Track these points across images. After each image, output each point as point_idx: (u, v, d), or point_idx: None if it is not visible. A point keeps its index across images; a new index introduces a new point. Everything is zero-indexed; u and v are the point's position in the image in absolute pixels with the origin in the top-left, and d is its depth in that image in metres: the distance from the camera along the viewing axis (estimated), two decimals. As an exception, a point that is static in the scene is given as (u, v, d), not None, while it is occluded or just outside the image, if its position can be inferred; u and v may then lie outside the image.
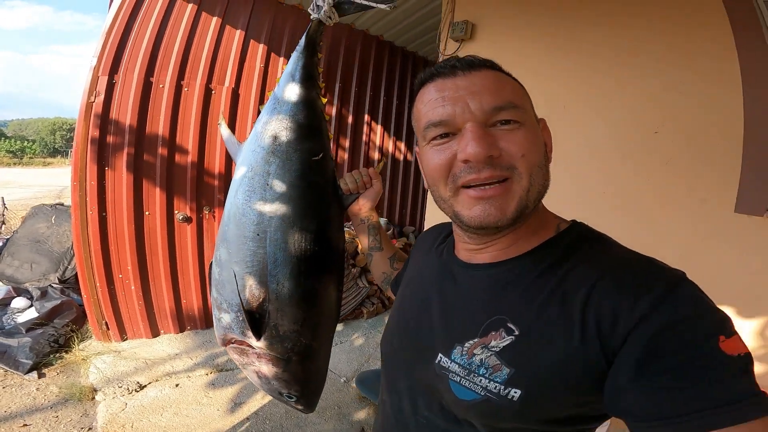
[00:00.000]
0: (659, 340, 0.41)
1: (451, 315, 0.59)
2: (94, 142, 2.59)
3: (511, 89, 0.55)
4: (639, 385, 0.41)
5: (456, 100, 0.52)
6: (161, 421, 2.15)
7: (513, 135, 0.51)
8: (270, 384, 0.99)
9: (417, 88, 0.60)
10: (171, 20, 2.77)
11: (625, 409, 0.43)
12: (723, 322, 0.43)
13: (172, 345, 2.92)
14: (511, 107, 0.52)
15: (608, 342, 0.44)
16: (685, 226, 1.65)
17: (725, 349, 0.40)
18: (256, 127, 1.01)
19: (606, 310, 0.45)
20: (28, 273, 3.68)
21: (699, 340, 0.41)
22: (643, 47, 1.71)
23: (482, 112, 0.51)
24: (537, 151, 0.53)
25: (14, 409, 2.14)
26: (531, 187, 0.52)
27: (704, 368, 0.40)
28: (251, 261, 0.91)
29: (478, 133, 0.50)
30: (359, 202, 1.02)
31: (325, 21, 1.04)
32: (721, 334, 0.41)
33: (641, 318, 0.43)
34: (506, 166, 0.51)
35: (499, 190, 0.51)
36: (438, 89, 0.55)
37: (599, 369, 0.45)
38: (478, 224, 0.53)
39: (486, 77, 0.54)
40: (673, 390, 0.40)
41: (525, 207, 0.52)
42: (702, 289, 0.46)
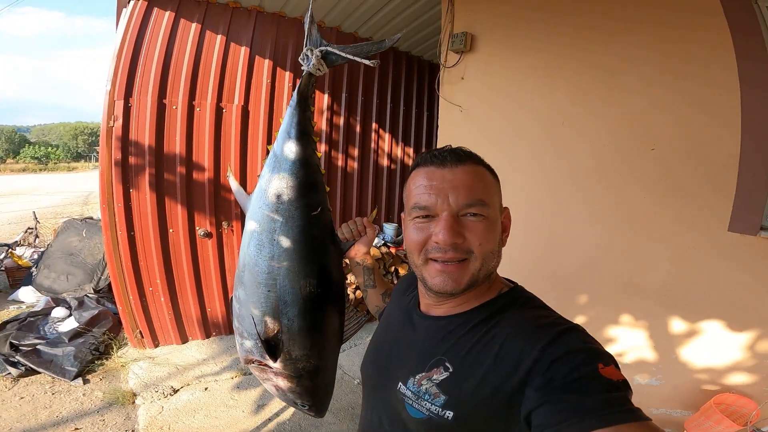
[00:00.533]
0: (551, 370, 0.55)
1: (409, 353, 0.76)
2: (118, 164, 2.76)
3: (484, 187, 0.69)
4: (540, 405, 0.54)
5: (440, 191, 0.67)
6: (194, 422, 2.35)
7: (476, 227, 0.66)
8: (286, 395, 1.15)
9: (413, 167, 0.75)
10: (177, 41, 2.85)
11: (537, 425, 0.55)
12: (602, 355, 0.56)
13: (200, 350, 3.15)
14: (479, 204, 0.66)
15: (516, 377, 0.58)
16: (678, 242, 1.70)
17: (603, 374, 0.53)
18: (261, 183, 1.12)
19: (514, 354, 0.60)
20: (65, 284, 3.95)
21: (580, 366, 0.54)
22: (639, 59, 1.74)
23: (457, 205, 0.66)
24: (492, 240, 0.68)
25: (65, 414, 2.37)
26: (482, 267, 0.67)
27: (583, 386, 0.52)
28: (265, 302, 1.07)
29: (449, 223, 0.65)
30: (355, 247, 1.15)
31: (315, 73, 1.11)
32: (600, 362, 0.54)
33: (536, 358, 0.57)
34: (466, 251, 0.66)
35: (457, 268, 0.67)
36: (428, 177, 0.69)
37: (513, 399, 0.58)
38: (438, 290, 0.69)
39: (467, 173, 0.68)
40: (560, 403, 0.52)
41: (475, 281, 0.68)
42: (588, 334, 0.61)
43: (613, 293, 1.93)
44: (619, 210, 1.86)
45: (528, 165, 2.13)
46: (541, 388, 0.55)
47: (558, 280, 2.10)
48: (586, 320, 2.03)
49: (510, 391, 0.58)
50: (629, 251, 1.85)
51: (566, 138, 1.99)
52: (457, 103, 2.33)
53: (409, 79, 4.25)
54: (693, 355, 1.75)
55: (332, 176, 3.78)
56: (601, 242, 1.93)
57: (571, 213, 2.01)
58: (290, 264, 1.06)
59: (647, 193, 1.77)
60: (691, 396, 1.75)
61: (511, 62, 2.16)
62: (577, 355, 0.56)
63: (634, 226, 1.82)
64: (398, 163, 4.31)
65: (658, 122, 1.71)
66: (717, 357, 1.68)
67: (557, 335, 0.59)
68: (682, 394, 1.79)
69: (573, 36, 1.95)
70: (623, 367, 1.84)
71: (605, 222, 1.91)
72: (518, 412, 0.58)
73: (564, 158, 2.01)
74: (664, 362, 1.83)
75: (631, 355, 1.92)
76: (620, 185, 1.85)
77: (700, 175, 1.62)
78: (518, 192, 2.11)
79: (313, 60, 1.11)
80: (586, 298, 2.03)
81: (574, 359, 0.55)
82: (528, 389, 0.57)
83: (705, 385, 1.72)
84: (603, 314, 1.98)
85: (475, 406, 0.62)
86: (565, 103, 1.99)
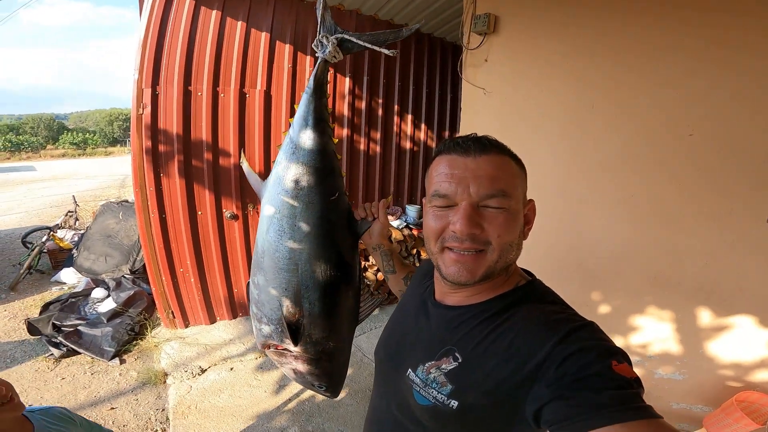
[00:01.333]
0: (563, 366, 0.55)
1: (420, 341, 0.76)
2: (148, 151, 2.85)
3: (507, 177, 0.66)
4: (552, 401, 0.54)
5: (461, 180, 0.65)
6: (219, 402, 2.47)
7: (496, 218, 0.64)
8: (304, 378, 1.19)
9: (436, 153, 0.73)
10: (199, 28, 2.88)
11: (546, 420, 0.55)
12: (615, 352, 0.56)
13: (227, 330, 3.27)
14: (500, 195, 0.64)
15: (525, 372, 0.58)
16: (712, 236, 1.63)
17: (616, 370, 0.52)
18: (278, 170, 1.13)
19: (525, 349, 0.60)
20: (103, 265, 4.17)
21: (592, 363, 0.53)
22: (678, 45, 1.62)
23: (477, 195, 0.64)
24: (512, 233, 0.66)
25: (102, 393, 2.53)
26: (500, 259, 0.66)
27: (596, 383, 0.52)
28: (287, 287, 1.09)
29: (468, 213, 0.64)
30: (369, 232, 1.17)
31: (331, 60, 1.09)
32: (613, 360, 0.54)
33: (548, 353, 0.57)
34: (483, 242, 0.65)
35: (473, 258, 0.66)
36: (450, 165, 0.68)
37: (519, 393, 0.58)
38: (452, 280, 0.68)
39: (491, 163, 0.66)
40: (572, 399, 0.52)
41: (492, 273, 0.67)
42: (602, 331, 0.61)
43: (640, 285, 1.86)
44: (650, 201, 1.78)
45: (553, 152, 2.05)
46: (552, 384, 0.54)
47: (584, 270, 2.04)
48: (611, 311, 1.97)
49: (517, 385, 0.59)
50: (659, 243, 1.77)
51: (595, 125, 1.90)
52: (480, 86, 2.25)
53: (432, 61, 4.16)
54: (720, 351, 1.69)
55: (354, 160, 3.78)
56: (630, 233, 1.85)
57: (599, 202, 1.94)
58: (311, 248, 1.07)
59: (680, 184, 1.68)
60: (714, 392, 1.71)
61: (537, 45, 2.06)
62: (590, 352, 0.55)
63: (665, 218, 1.74)
64: (421, 146, 4.26)
65: (695, 113, 1.61)
66: (745, 353, 1.63)
67: (570, 332, 0.58)
68: (705, 390, 1.75)
69: (606, 19, 1.82)
70: (647, 360, 1.82)
71: (635, 212, 1.83)
72: (523, 406, 0.58)
73: (592, 146, 1.92)
74: (689, 357, 1.77)
75: (655, 348, 1.86)
76: (652, 175, 1.76)
77: (737, 167, 1.53)
78: (542, 179, 2.04)
79: (329, 47, 1.09)
80: (612, 288, 1.97)
81: (587, 356, 0.54)
82: (538, 385, 0.56)
83: (729, 381, 1.67)
84: (629, 306, 1.92)
85: (480, 397, 0.62)
86: (594, 90, 1.89)
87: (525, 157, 0.73)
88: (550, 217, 2.05)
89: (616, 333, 1.96)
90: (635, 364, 1.90)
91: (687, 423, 1.81)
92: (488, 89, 2.23)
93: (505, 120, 2.20)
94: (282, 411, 2.42)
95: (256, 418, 2.35)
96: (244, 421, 2.32)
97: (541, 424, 0.56)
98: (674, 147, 1.67)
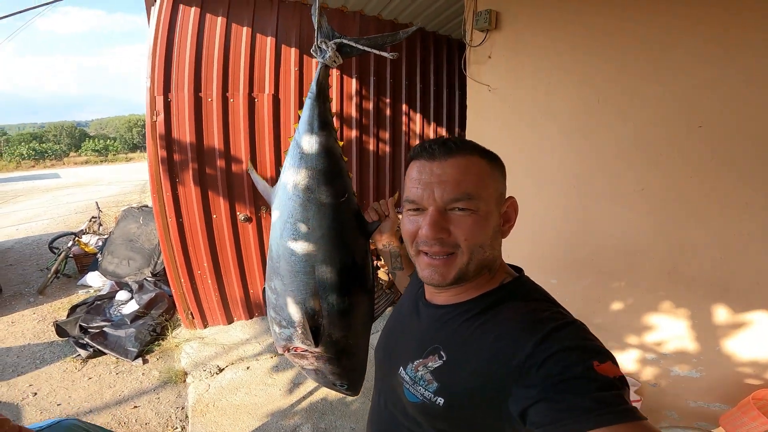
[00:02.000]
0: (545, 367, 0.54)
1: (411, 340, 0.79)
2: (164, 160, 2.94)
3: (474, 179, 0.66)
4: (536, 403, 0.54)
5: (427, 185, 0.67)
6: (235, 400, 2.54)
7: (463, 221, 0.66)
8: (326, 378, 1.21)
9: (409, 159, 0.75)
10: (205, 35, 2.93)
11: (532, 421, 0.55)
12: (598, 351, 0.55)
13: (244, 331, 3.35)
14: (466, 198, 0.65)
15: (507, 371, 0.58)
16: (729, 228, 1.58)
17: (598, 371, 0.52)
18: (286, 175, 1.15)
19: (507, 348, 0.60)
20: (126, 268, 4.30)
21: (574, 364, 0.53)
22: (685, 35, 1.59)
23: (443, 200, 0.66)
24: (481, 234, 0.67)
25: (126, 392, 2.63)
26: (470, 261, 0.67)
27: (578, 385, 0.52)
28: (305, 289, 1.12)
29: (434, 219, 0.66)
30: (378, 231, 1.19)
31: (331, 65, 1.11)
32: (595, 360, 0.53)
33: (529, 354, 0.57)
34: (452, 245, 0.67)
35: (443, 262, 0.68)
36: (418, 171, 0.69)
37: (501, 393, 0.59)
38: (427, 282, 0.73)
39: (456, 166, 0.66)
40: (555, 401, 0.52)
41: (464, 274, 0.68)
42: (587, 330, 0.60)
43: (655, 280, 1.83)
44: (665, 192, 1.74)
45: (562, 145, 2.02)
46: (536, 385, 0.54)
47: (595, 265, 2.01)
48: (625, 307, 1.95)
49: (500, 384, 0.59)
50: (674, 236, 1.74)
51: (604, 117, 1.86)
52: (485, 83, 2.24)
53: (438, 59, 4.14)
54: (738, 348, 1.65)
55: (364, 161, 3.80)
56: (645, 226, 1.82)
57: (613, 194, 1.90)
58: (325, 250, 1.10)
59: (696, 175, 1.64)
60: (732, 390, 1.66)
61: (539, 39, 2.03)
62: (572, 352, 0.55)
63: (680, 211, 1.71)
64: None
65: (709, 100, 1.56)
66: (763, 351, 1.58)
67: (551, 331, 0.58)
68: (721, 388, 1.70)
69: (608, 11, 1.79)
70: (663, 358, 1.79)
71: (649, 204, 1.79)
72: (507, 405, 0.58)
73: (602, 137, 1.89)
74: (706, 354, 1.73)
75: (671, 345, 1.83)
76: (666, 167, 1.72)
77: (755, 156, 1.48)
78: (553, 174, 2.02)
79: (329, 52, 1.11)
80: (625, 284, 1.94)
81: (569, 356, 0.54)
82: (520, 385, 0.57)
83: (747, 379, 1.62)
84: (644, 302, 1.89)
85: (464, 395, 0.64)
86: (600, 80, 1.86)
87: (533, 151, 0.74)
88: (563, 212, 2.03)
89: (630, 330, 1.93)
90: (650, 362, 1.89)
91: (704, 422, 1.77)
92: (493, 86, 2.22)
93: (511, 116, 2.19)
94: (296, 409, 2.47)
95: (271, 416, 2.41)
96: (259, 418, 2.39)
97: (527, 424, 0.56)
98: (689, 135, 1.63)
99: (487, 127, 2.27)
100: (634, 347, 1.93)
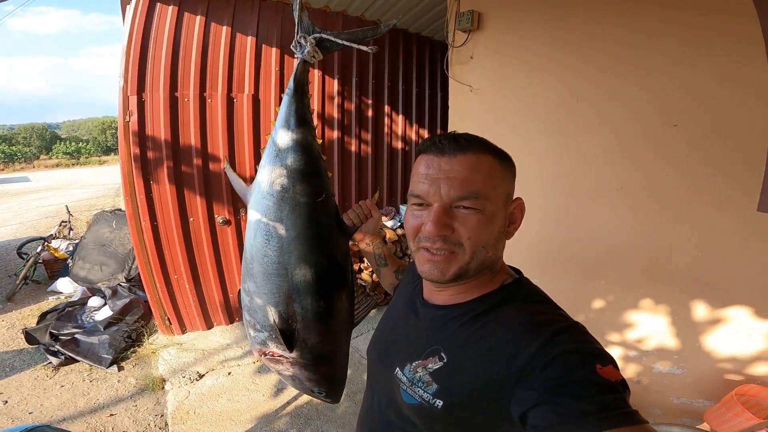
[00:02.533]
0: (547, 370, 0.54)
1: (408, 340, 0.77)
2: (137, 159, 2.83)
3: (483, 178, 0.64)
4: (537, 406, 0.53)
5: (434, 181, 0.65)
6: (217, 406, 2.47)
7: (467, 220, 0.64)
8: (303, 384, 1.17)
9: (417, 153, 0.73)
10: (183, 34, 2.86)
11: (532, 425, 0.54)
12: (600, 355, 0.55)
13: (224, 336, 3.27)
14: (473, 197, 0.63)
15: (508, 374, 0.58)
16: (706, 224, 1.61)
17: (601, 374, 0.52)
18: (262, 174, 1.11)
19: (509, 351, 0.59)
20: (99, 274, 4.15)
21: (577, 367, 0.53)
22: (663, 33, 1.61)
23: (449, 197, 0.64)
24: (486, 234, 0.65)
25: (101, 400, 2.52)
26: (472, 260, 0.66)
27: (580, 388, 0.51)
28: (278, 292, 1.07)
29: (438, 215, 0.64)
30: (361, 231, 1.17)
31: (310, 60, 1.08)
32: (598, 363, 0.53)
33: (532, 357, 0.56)
34: (454, 243, 0.65)
35: (444, 258, 0.66)
36: (426, 165, 0.67)
37: (502, 396, 0.58)
38: (425, 277, 0.70)
39: (465, 164, 0.64)
40: (557, 405, 0.51)
41: (464, 273, 0.67)
42: (588, 333, 0.60)
43: (635, 278, 1.85)
44: (643, 190, 1.76)
45: (542, 143, 2.04)
46: (537, 388, 0.54)
47: (576, 263, 2.04)
48: (606, 305, 1.97)
49: (501, 386, 0.58)
50: (653, 234, 1.76)
51: (583, 117, 1.89)
52: (466, 83, 2.25)
53: (420, 60, 4.15)
54: (718, 344, 1.68)
55: (346, 161, 3.77)
56: (625, 223, 1.84)
57: (591, 193, 1.93)
58: (300, 252, 1.06)
59: (673, 172, 1.67)
60: (714, 386, 1.69)
61: (521, 38, 2.05)
62: (574, 355, 0.54)
63: (658, 208, 1.73)
64: (412, 145, 4.25)
65: (684, 99, 1.60)
66: (743, 346, 1.61)
67: (554, 334, 0.57)
68: (704, 384, 1.73)
69: (587, 10, 1.82)
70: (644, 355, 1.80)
71: (629, 202, 1.82)
72: (508, 408, 0.57)
73: (581, 137, 1.92)
74: (686, 350, 1.76)
75: (652, 342, 1.86)
76: (644, 165, 1.74)
77: (731, 152, 1.51)
78: (534, 173, 2.04)
79: (308, 48, 1.08)
80: (606, 282, 1.96)
81: (571, 359, 0.54)
82: (522, 387, 0.56)
83: (729, 374, 1.65)
84: (625, 299, 1.91)
85: (464, 397, 0.63)
86: (580, 79, 1.88)
87: (514, 151, 0.72)
88: (543, 211, 2.05)
89: (612, 327, 1.95)
90: (632, 359, 1.91)
91: (689, 419, 1.79)
92: (475, 86, 2.23)
93: (493, 116, 2.20)
94: (280, 415, 2.42)
95: (255, 422, 2.34)
96: (242, 425, 2.32)
97: (527, 427, 0.55)
98: (665, 134, 1.66)
99: (469, 127, 2.25)
100: (616, 344, 1.95)
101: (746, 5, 1.39)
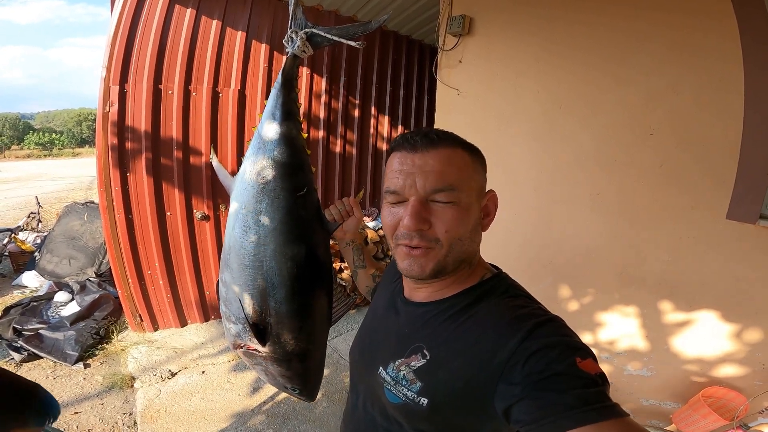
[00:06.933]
0: (528, 365, 0.54)
1: (391, 338, 0.76)
2: (114, 149, 2.75)
3: (456, 170, 0.65)
4: (520, 400, 0.53)
5: (408, 175, 0.65)
6: (190, 405, 2.39)
7: (444, 213, 0.64)
8: (276, 380, 1.16)
9: (389, 151, 0.73)
10: (172, 26, 2.82)
11: (516, 419, 0.54)
12: (579, 348, 0.56)
13: (198, 334, 3.18)
14: (448, 190, 0.64)
15: (491, 369, 0.58)
16: (675, 231, 1.67)
17: (580, 367, 0.52)
18: (245, 165, 1.10)
19: (490, 346, 0.60)
20: (67, 268, 3.99)
21: (556, 361, 0.53)
22: (642, 46, 1.69)
23: (425, 191, 0.64)
24: (462, 227, 0.66)
25: (65, 398, 2.41)
26: (449, 254, 0.66)
27: (561, 382, 0.51)
28: (252, 285, 1.05)
29: (416, 209, 0.64)
30: (342, 228, 1.15)
31: (300, 54, 1.09)
32: (577, 356, 0.53)
33: (513, 351, 0.56)
34: (432, 238, 0.65)
35: (422, 254, 0.66)
36: (400, 162, 0.67)
37: (486, 391, 0.58)
38: (405, 274, 0.70)
39: (438, 157, 0.65)
40: (538, 399, 0.51)
41: (443, 267, 0.67)
42: (567, 326, 0.61)
43: (609, 282, 1.91)
44: (618, 197, 1.83)
45: (525, 149, 2.09)
46: (519, 383, 0.54)
47: (555, 267, 2.08)
48: (580, 308, 2.02)
49: (484, 382, 0.58)
50: (626, 239, 1.82)
51: (565, 124, 1.94)
52: (454, 86, 2.28)
53: (409, 63, 4.20)
54: (685, 347, 1.74)
55: (330, 160, 3.76)
56: (600, 230, 1.90)
57: (570, 199, 1.98)
58: (277, 246, 1.04)
59: (646, 180, 1.73)
60: (682, 387, 1.75)
61: (509, 46, 2.10)
62: (553, 349, 0.55)
63: (632, 214, 1.79)
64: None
65: (658, 110, 1.66)
66: (709, 349, 1.67)
67: (534, 327, 0.58)
68: (672, 386, 1.79)
69: (571, 21, 1.88)
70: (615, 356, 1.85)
71: (604, 210, 1.88)
72: (491, 404, 0.58)
73: (562, 144, 1.97)
74: (656, 353, 1.82)
75: (623, 344, 1.91)
76: (620, 173, 1.81)
77: (700, 162, 1.58)
78: (516, 178, 2.08)
79: (298, 42, 1.09)
80: (582, 285, 2.01)
81: (551, 353, 0.54)
82: (504, 382, 0.56)
83: (696, 377, 1.71)
84: (598, 302, 1.96)
85: (448, 394, 0.62)
86: (563, 88, 1.94)
87: (498, 155, 0.73)
88: (523, 215, 2.08)
89: (586, 329, 2.00)
90: (605, 360, 1.95)
91: (658, 420, 1.84)
92: (462, 90, 2.27)
93: (478, 119, 2.24)
94: (256, 413, 2.36)
95: (230, 421, 2.28)
96: (216, 424, 2.26)
97: (510, 422, 0.55)
98: (640, 143, 1.72)
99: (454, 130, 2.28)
100: (590, 346, 2.00)
101: (726, 25, 1.46)
